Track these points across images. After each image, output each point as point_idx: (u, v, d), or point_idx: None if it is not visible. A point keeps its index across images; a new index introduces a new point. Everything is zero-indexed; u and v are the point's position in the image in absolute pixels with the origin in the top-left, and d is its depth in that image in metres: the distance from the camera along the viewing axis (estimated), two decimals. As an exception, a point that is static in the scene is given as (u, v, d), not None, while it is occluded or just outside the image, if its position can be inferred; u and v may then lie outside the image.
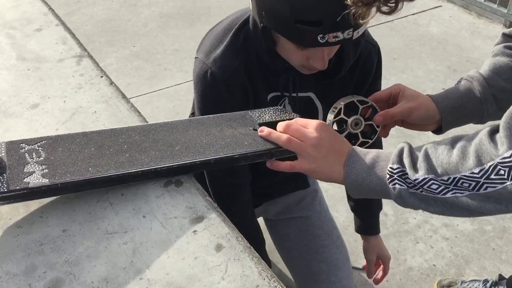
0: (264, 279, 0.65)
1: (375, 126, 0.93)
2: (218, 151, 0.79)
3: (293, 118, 0.83)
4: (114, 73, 2.86)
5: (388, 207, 2.00)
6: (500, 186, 0.64)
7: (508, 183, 0.63)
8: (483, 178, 0.66)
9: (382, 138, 1.12)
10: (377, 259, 1.39)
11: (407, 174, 0.72)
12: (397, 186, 0.73)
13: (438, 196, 0.71)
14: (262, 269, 0.66)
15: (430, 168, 0.71)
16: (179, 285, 0.65)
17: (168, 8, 3.59)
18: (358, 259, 1.79)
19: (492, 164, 0.65)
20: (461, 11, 3.50)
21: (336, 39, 0.83)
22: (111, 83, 1.03)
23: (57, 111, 0.94)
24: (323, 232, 1.36)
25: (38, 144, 0.77)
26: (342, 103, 0.89)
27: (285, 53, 0.94)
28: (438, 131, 0.99)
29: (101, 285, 0.65)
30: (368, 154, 0.77)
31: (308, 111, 1.07)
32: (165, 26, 3.37)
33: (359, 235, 1.41)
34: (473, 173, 0.66)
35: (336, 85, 1.06)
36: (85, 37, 3.25)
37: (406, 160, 0.73)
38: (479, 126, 0.91)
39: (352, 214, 1.41)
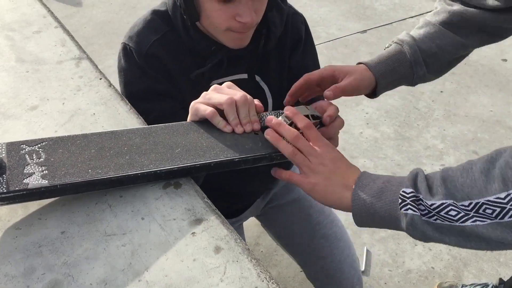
0: (263, 281, 0.65)
1: None
2: (218, 154, 0.79)
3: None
4: (113, 75, 2.84)
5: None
6: None
7: None
8: (510, 204, 0.61)
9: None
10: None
11: (421, 199, 0.67)
12: (409, 211, 0.67)
13: (455, 224, 0.64)
14: (261, 271, 0.66)
15: (449, 192, 0.65)
16: (177, 287, 0.65)
17: (167, 11, 3.59)
18: (357, 260, 1.79)
19: None
20: (460, 14, 3.51)
21: None
22: (110, 85, 1.04)
23: (56, 113, 0.95)
24: (314, 211, 1.37)
25: (39, 145, 0.77)
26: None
27: (211, 19, 0.93)
28: (372, 95, 1.02)
29: (100, 287, 0.65)
30: (379, 179, 0.73)
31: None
32: (164, 29, 3.37)
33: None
34: (498, 198, 0.61)
35: (273, 61, 1.07)
36: (84, 39, 3.26)
37: (422, 185, 0.68)
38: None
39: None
